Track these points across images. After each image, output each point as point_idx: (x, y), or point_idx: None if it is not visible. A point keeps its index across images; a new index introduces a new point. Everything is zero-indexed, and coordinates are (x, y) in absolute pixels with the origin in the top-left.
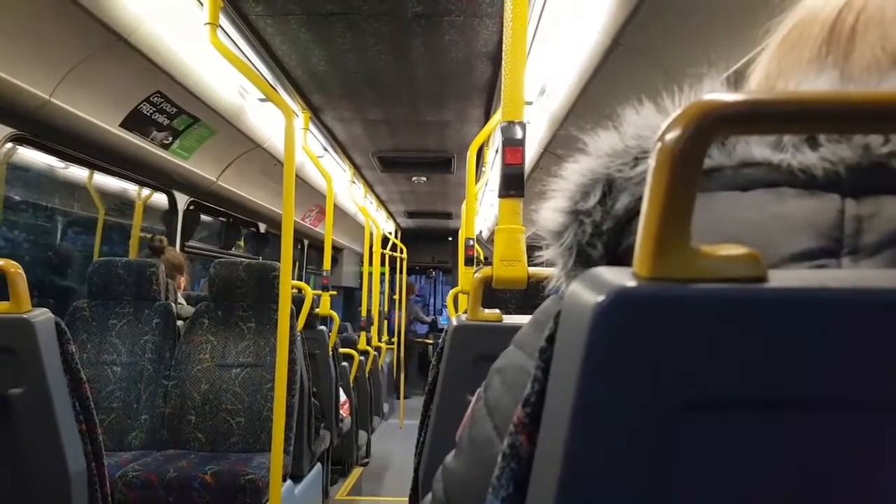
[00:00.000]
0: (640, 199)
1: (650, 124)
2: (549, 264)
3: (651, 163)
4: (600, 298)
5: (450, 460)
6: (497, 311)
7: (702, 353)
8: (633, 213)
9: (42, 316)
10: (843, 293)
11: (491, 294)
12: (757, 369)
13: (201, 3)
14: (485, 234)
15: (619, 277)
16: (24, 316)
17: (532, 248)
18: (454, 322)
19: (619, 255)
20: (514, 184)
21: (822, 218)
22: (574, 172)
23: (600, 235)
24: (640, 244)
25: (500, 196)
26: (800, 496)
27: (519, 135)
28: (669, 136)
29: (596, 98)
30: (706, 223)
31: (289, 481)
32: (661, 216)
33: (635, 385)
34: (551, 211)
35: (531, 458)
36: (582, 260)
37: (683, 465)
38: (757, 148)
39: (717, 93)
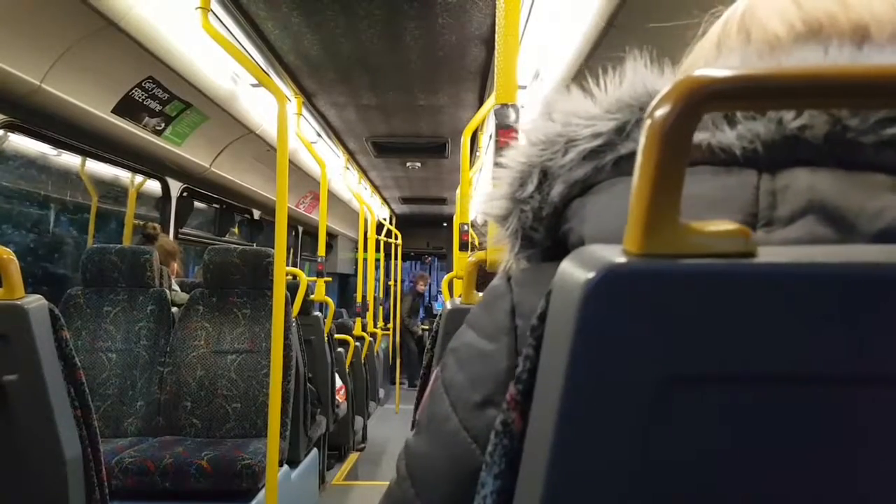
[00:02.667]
0: (573, 185)
1: (576, 111)
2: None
3: (641, 139)
4: (590, 275)
5: (411, 439)
6: None
7: (692, 328)
8: (567, 199)
9: (36, 302)
10: (831, 268)
11: (485, 278)
12: (746, 344)
13: None
14: (479, 220)
15: (610, 254)
16: (18, 302)
17: None
18: (448, 306)
19: (559, 238)
20: None
21: (739, 194)
22: (512, 160)
23: (541, 220)
24: (630, 221)
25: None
26: (788, 469)
27: (512, 118)
28: (659, 113)
29: (590, 81)
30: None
31: (285, 466)
32: (650, 193)
33: (626, 360)
34: (495, 199)
35: (523, 435)
36: (527, 243)
37: (674, 440)
38: None
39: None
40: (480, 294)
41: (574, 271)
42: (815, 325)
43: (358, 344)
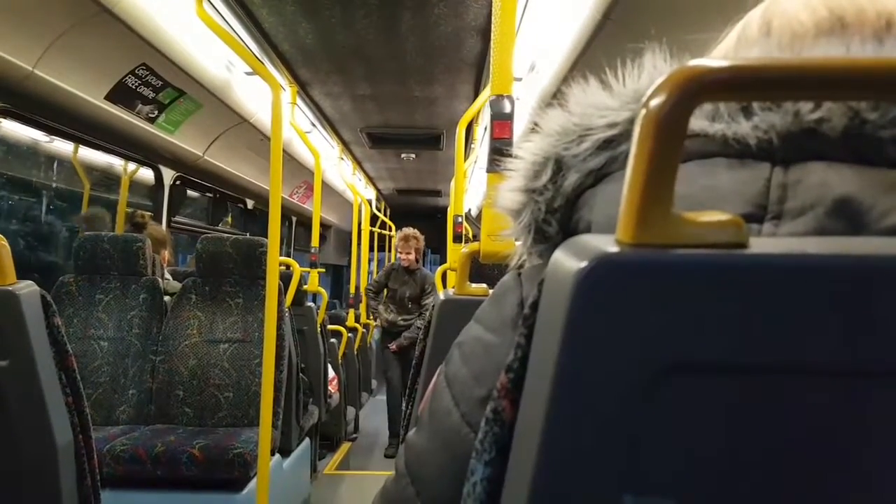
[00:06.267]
0: (587, 175)
1: (594, 102)
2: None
3: (635, 129)
4: (583, 264)
5: (411, 436)
6: (484, 285)
7: (683, 319)
8: (580, 190)
9: (27, 288)
10: (823, 259)
11: (479, 270)
12: (738, 334)
13: None
14: (473, 213)
15: (602, 244)
16: (9, 288)
17: None
18: (441, 296)
19: (571, 231)
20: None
21: (750, 187)
22: (527, 152)
23: (554, 213)
24: (623, 211)
25: (488, 171)
26: (780, 461)
27: (507, 109)
28: (654, 103)
29: (586, 74)
30: None
31: (277, 455)
32: (643, 183)
33: (617, 350)
34: (508, 191)
35: (514, 423)
36: (540, 237)
37: (664, 430)
38: (694, 119)
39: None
40: (474, 286)
41: (566, 260)
42: (806, 316)
43: (351, 335)
